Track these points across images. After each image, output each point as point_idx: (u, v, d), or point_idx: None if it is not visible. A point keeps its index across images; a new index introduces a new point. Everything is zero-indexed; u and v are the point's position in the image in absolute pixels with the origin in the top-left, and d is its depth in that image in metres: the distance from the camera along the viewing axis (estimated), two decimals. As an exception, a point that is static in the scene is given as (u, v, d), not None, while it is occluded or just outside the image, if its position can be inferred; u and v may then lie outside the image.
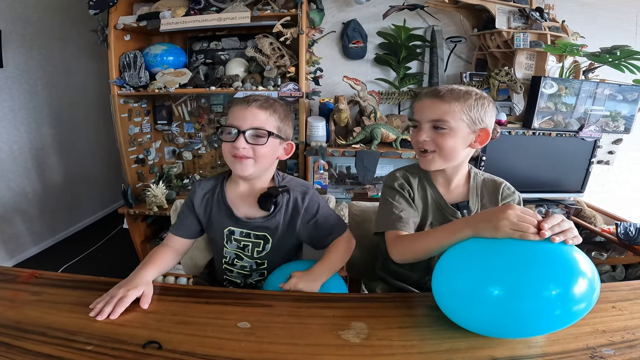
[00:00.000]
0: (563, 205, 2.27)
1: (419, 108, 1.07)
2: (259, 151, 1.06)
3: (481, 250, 0.76)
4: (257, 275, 1.20)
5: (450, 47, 2.53)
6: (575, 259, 0.70)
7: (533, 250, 0.71)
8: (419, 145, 1.06)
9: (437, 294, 0.81)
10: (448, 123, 1.01)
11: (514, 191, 1.13)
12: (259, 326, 0.81)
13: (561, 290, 0.66)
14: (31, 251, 2.97)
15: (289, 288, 1.01)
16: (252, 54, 2.30)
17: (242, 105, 1.07)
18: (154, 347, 0.75)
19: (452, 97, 1.01)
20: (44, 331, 0.79)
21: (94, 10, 2.14)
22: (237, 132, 1.05)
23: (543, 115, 2.13)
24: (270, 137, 1.06)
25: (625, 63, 2.01)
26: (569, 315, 0.69)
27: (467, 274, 0.74)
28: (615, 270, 2.31)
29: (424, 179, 1.14)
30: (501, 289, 0.68)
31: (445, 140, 1.02)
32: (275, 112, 1.09)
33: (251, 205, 1.14)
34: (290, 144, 1.17)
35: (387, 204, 1.10)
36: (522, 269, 0.68)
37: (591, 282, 0.68)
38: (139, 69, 2.29)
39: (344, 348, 0.75)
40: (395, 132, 2.24)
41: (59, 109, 3.18)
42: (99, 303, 0.87)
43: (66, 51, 3.21)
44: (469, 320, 0.76)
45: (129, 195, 2.43)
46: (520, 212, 0.75)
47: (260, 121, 1.06)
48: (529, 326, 0.71)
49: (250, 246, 1.16)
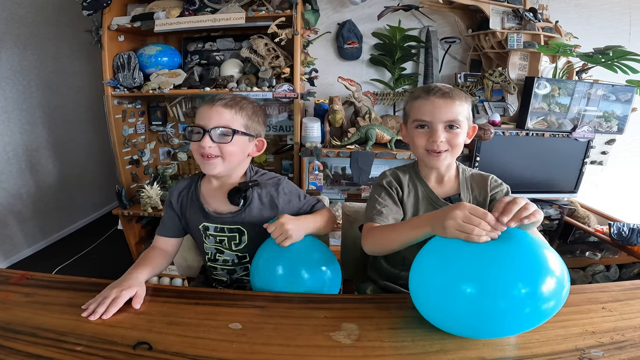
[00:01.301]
0: (557, 205, 2.27)
1: (429, 109, 1.05)
2: (225, 149, 1.07)
3: (451, 249, 0.75)
4: (242, 270, 1.21)
5: (444, 47, 2.54)
6: (544, 256, 0.70)
7: (502, 249, 0.71)
8: (433, 146, 1.05)
9: (414, 295, 0.81)
10: (461, 122, 1.05)
11: (501, 183, 1.15)
12: (250, 327, 0.81)
13: (530, 289, 0.66)
14: (25, 252, 2.95)
15: (275, 228, 1.03)
16: (247, 54, 2.30)
17: (207, 105, 1.09)
18: (145, 348, 0.75)
19: (459, 97, 1.05)
20: (34, 332, 0.79)
21: (87, 11, 2.13)
22: (203, 131, 1.06)
23: (536, 116, 2.14)
24: (236, 135, 1.07)
25: (618, 63, 2.02)
26: (538, 314, 0.69)
27: (440, 274, 0.74)
28: (609, 270, 2.32)
29: (414, 176, 1.16)
30: (471, 288, 0.68)
31: (458, 138, 1.05)
32: (241, 109, 1.10)
33: (222, 201, 1.16)
34: (261, 140, 1.18)
35: (372, 200, 1.13)
36: (492, 267, 0.69)
37: (560, 280, 0.69)
38: (133, 69, 2.28)
39: (335, 349, 0.75)
40: (390, 133, 2.24)
41: (52, 110, 3.16)
42: (91, 304, 0.87)
43: (60, 52, 3.19)
44: (443, 321, 0.77)
45: (123, 197, 2.42)
46: (468, 211, 0.74)
47: (226, 120, 1.07)
48: (500, 326, 0.71)
49: (227, 240, 1.17)
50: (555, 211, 2.28)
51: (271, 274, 1.02)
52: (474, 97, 2.30)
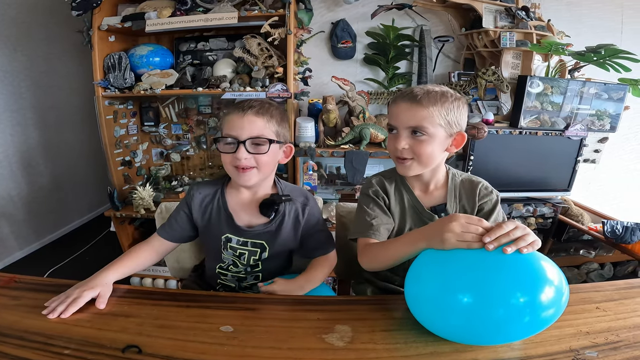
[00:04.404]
0: (550, 204, 2.28)
1: (396, 113, 1.01)
2: (261, 160, 1.03)
3: (449, 259, 0.75)
4: (252, 279, 1.19)
5: (438, 46, 2.54)
6: (541, 266, 0.70)
7: (500, 258, 0.70)
8: (397, 152, 1.02)
9: (410, 303, 0.80)
10: (427, 129, 0.97)
11: (491, 190, 1.10)
12: (242, 330, 0.80)
13: (529, 298, 0.66)
14: (17, 255, 2.92)
15: (265, 291, 1.01)
16: (240, 54, 2.28)
17: (238, 114, 1.03)
18: (134, 352, 0.73)
19: (430, 102, 0.96)
20: (22, 335, 0.78)
21: (77, 11, 2.11)
22: (237, 142, 1.01)
23: (530, 115, 2.14)
24: (272, 144, 1.04)
25: (610, 62, 2.02)
26: (538, 322, 0.68)
27: (436, 283, 0.73)
28: (603, 268, 2.34)
29: (400, 184, 1.12)
30: (469, 297, 0.68)
31: (424, 147, 0.98)
32: (272, 117, 1.06)
33: (252, 214, 1.13)
34: (289, 146, 1.14)
35: (361, 211, 1.09)
36: (489, 276, 0.68)
37: (558, 288, 0.68)
38: (124, 70, 2.26)
39: (327, 352, 0.74)
40: (384, 132, 2.23)
41: (44, 111, 3.13)
42: (54, 302, 0.86)
43: (51, 52, 3.16)
44: (441, 329, 0.76)
45: (115, 198, 2.40)
46: (464, 221, 0.74)
47: (259, 129, 1.02)
48: (499, 334, 0.70)
49: (247, 255, 1.14)
50: (549, 209, 2.28)
51: None
52: (468, 96, 2.30)
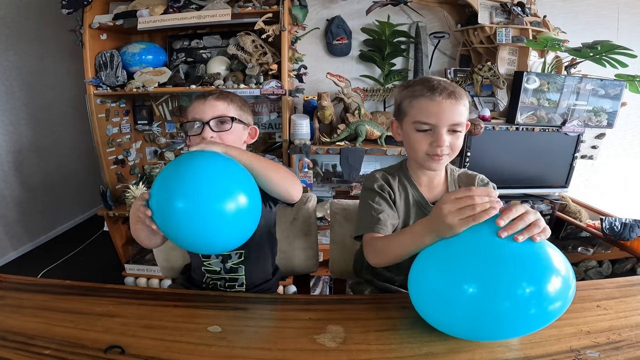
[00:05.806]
0: (548, 200, 2.26)
1: (435, 111, 0.94)
2: (227, 138, 1.09)
3: (454, 249, 0.71)
4: (237, 257, 1.16)
5: (434, 43, 2.52)
6: (548, 255, 0.66)
7: (505, 248, 0.66)
8: (437, 151, 0.96)
9: (414, 297, 0.77)
10: (462, 124, 0.98)
11: (487, 182, 1.12)
12: (230, 330, 0.78)
13: (535, 289, 0.62)
14: (10, 256, 2.90)
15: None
16: (234, 51, 2.26)
17: (200, 100, 1.12)
18: (117, 352, 0.71)
19: (462, 95, 0.96)
20: (3, 335, 0.77)
21: (67, 9, 2.08)
22: (202, 124, 1.08)
23: (526, 111, 2.12)
24: (234, 122, 1.11)
25: (606, 58, 2.01)
26: (544, 315, 0.65)
27: (441, 274, 0.70)
28: (602, 265, 2.32)
29: (404, 179, 1.10)
30: (474, 288, 0.64)
31: (459, 141, 0.99)
32: (232, 101, 1.14)
33: None
34: (253, 128, 1.21)
35: (366, 207, 1.05)
36: (495, 267, 0.65)
37: (566, 279, 0.65)
38: (116, 68, 2.23)
39: (319, 353, 0.72)
40: (380, 129, 2.21)
41: (36, 110, 3.10)
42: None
43: (43, 51, 3.13)
44: (445, 323, 0.73)
45: (108, 197, 2.37)
46: (454, 197, 0.70)
47: (221, 110, 1.10)
48: (505, 327, 0.67)
49: None
50: (547, 206, 2.26)
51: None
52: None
